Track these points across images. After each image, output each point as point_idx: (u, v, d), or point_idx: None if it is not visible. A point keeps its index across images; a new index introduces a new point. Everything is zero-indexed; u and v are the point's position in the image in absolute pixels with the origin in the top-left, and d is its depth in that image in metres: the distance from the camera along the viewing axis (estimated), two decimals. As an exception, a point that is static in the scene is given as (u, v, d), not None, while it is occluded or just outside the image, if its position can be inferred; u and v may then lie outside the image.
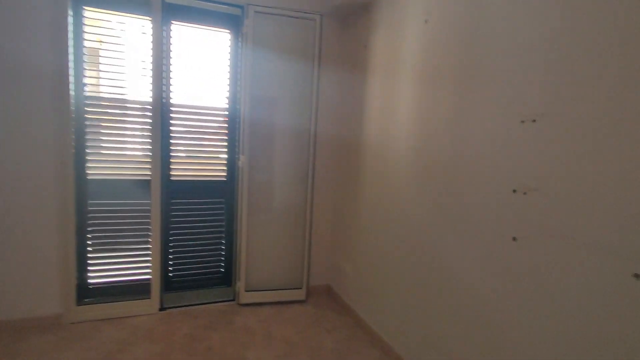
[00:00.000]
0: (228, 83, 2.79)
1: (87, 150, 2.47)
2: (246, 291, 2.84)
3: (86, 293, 2.56)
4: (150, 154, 2.54)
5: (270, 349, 2.32)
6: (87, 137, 2.46)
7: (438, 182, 1.90)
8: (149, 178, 2.57)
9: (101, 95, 2.50)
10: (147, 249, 2.63)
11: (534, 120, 1.39)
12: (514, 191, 1.47)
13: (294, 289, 2.96)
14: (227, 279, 3.00)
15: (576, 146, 1.24)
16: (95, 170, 2.51)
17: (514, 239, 1.47)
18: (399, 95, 2.25)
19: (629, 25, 1.10)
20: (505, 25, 1.53)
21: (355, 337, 2.52)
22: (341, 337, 2.52)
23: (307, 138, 2.87)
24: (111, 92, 2.50)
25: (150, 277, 2.63)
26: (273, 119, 2.80)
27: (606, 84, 1.16)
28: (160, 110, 2.53)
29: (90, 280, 2.57)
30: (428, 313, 1.97)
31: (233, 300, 2.90)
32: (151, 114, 2.51)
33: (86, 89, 2.43)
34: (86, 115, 2.44)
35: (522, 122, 1.44)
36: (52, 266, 2.38)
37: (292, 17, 2.71)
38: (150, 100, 2.50)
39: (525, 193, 1.43)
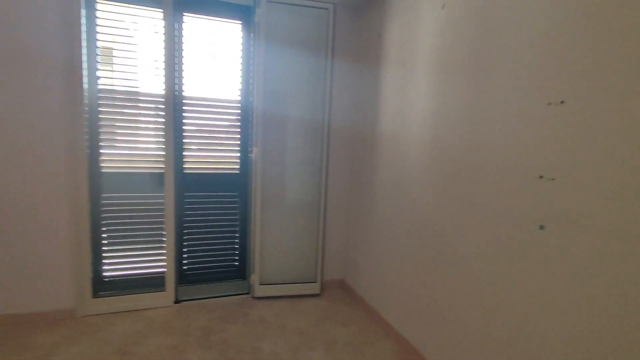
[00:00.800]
0: (240, 75, 2.77)
1: (101, 144, 2.47)
2: (260, 284, 2.83)
3: (101, 286, 2.57)
4: (164, 146, 2.53)
5: (285, 341, 2.30)
6: (101, 130, 2.45)
7: (454, 171, 1.86)
8: (162, 171, 2.56)
9: (115, 88, 2.49)
10: (162, 241, 2.63)
11: (562, 102, 1.34)
12: (541, 177, 1.43)
13: (308, 282, 2.94)
14: (241, 272, 2.99)
15: (606, 129, 1.20)
16: (109, 163, 2.51)
17: (542, 227, 1.43)
18: (413, 84, 2.21)
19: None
20: (526, 3, 1.48)
21: (370, 330, 2.49)
22: (355, 330, 2.49)
23: (321, 130, 2.84)
24: (124, 85, 2.48)
25: (165, 270, 2.63)
26: (286, 110, 2.78)
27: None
28: (173, 103, 2.52)
29: (105, 274, 2.57)
30: (445, 306, 1.93)
31: (248, 293, 2.89)
32: (164, 107, 2.50)
33: (99, 82, 2.42)
34: (100, 109, 2.43)
35: (549, 104, 1.39)
36: (66, 260, 2.38)
37: (304, 6, 2.68)
38: (163, 93, 2.49)
39: (553, 179, 1.38)
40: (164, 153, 2.53)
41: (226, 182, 2.85)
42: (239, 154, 2.85)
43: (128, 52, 2.45)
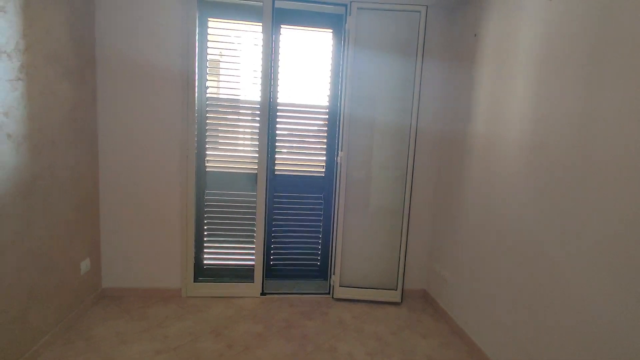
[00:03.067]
0: (329, 81, 2.87)
1: (207, 146, 2.79)
2: (340, 286, 2.88)
3: (201, 272, 2.90)
4: (258, 149, 2.75)
5: (362, 345, 2.31)
6: (207, 133, 2.77)
7: (562, 185, 1.66)
8: (255, 172, 2.79)
9: (219, 96, 2.80)
10: (252, 237, 2.86)
11: None
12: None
13: (388, 289, 2.90)
14: (322, 272, 3.09)
15: None
16: (212, 163, 2.82)
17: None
18: (512, 86, 2.03)
19: None
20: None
21: (452, 346, 2.36)
22: (437, 343, 2.38)
23: (407, 134, 2.79)
24: (227, 93, 2.77)
25: (254, 263, 2.85)
26: (373, 115, 2.79)
27: None
28: (268, 110, 2.72)
29: (205, 261, 2.90)
30: (542, 333, 1.73)
31: (328, 293, 2.97)
32: (260, 113, 2.72)
33: (208, 91, 2.75)
34: (207, 115, 2.75)
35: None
36: (177, 246, 2.75)
37: (395, 10, 2.66)
38: (259, 100, 2.71)
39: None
40: (258, 155, 2.75)
41: (312, 184, 2.97)
42: (325, 158, 2.95)
43: (231, 64, 2.73)
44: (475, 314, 2.32)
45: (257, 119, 2.75)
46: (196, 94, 2.64)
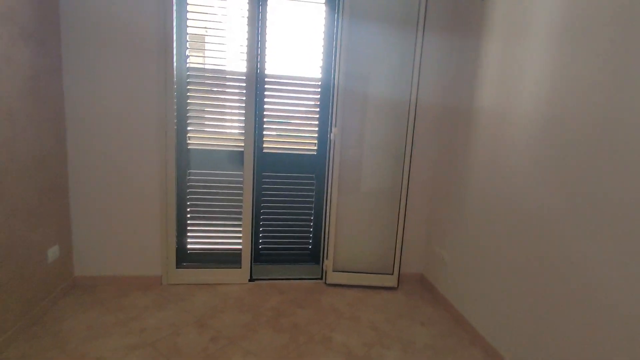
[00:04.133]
0: (322, 53, 2.63)
1: (189, 121, 2.54)
2: (333, 271, 2.72)
3: (184, 257, 2.69)
4: (244, 125, 2.52)
5: (358, 335, 2.16)
6: (189, 107, 2.52)
7: (579, 163, 1.49)
8: (242, 149, 2.56)
9: (201, 67, 2.53)
10: (239, 219, 2.65)
11: None
12: None
13: (384, 274, 2.75)
14: (314, 256, 2.92)
15: None
16: (195, 140, 2.58)
17: None
18: (525, 56, 1.84)
19: None
20: None
21: (453, 334, 2.23)
22: (437, 331, 2.25)
23: (406, 110, 2.59)
24: (211, 64, 2.51)
25: (242, 247, 2.66)
26: (369, 89, 2.57)
27: None
28: (255, 82, 2.48)
29: (188, 246, 2.69)
30: (549, 322, 1.60)
31: (320, 278, 2.81)
32: (246, 85, 2.48)
33: (188, 61, 2.48)
34: (189, 87, 2.50)
35: None
36: (156, 230, 2.53)
37: (395, -28, 2.42)
38: (245, 71, 2.47)
39: None
40: (244, 131, 2.52)
41: (303, 163, 2.76)
42: (317, 135, 2.73)
43: (214, 30, 2.46)
44: (478, 301, 2.18)
45: (244, 91, 2.50)
46: (175, 63, 2.38)
